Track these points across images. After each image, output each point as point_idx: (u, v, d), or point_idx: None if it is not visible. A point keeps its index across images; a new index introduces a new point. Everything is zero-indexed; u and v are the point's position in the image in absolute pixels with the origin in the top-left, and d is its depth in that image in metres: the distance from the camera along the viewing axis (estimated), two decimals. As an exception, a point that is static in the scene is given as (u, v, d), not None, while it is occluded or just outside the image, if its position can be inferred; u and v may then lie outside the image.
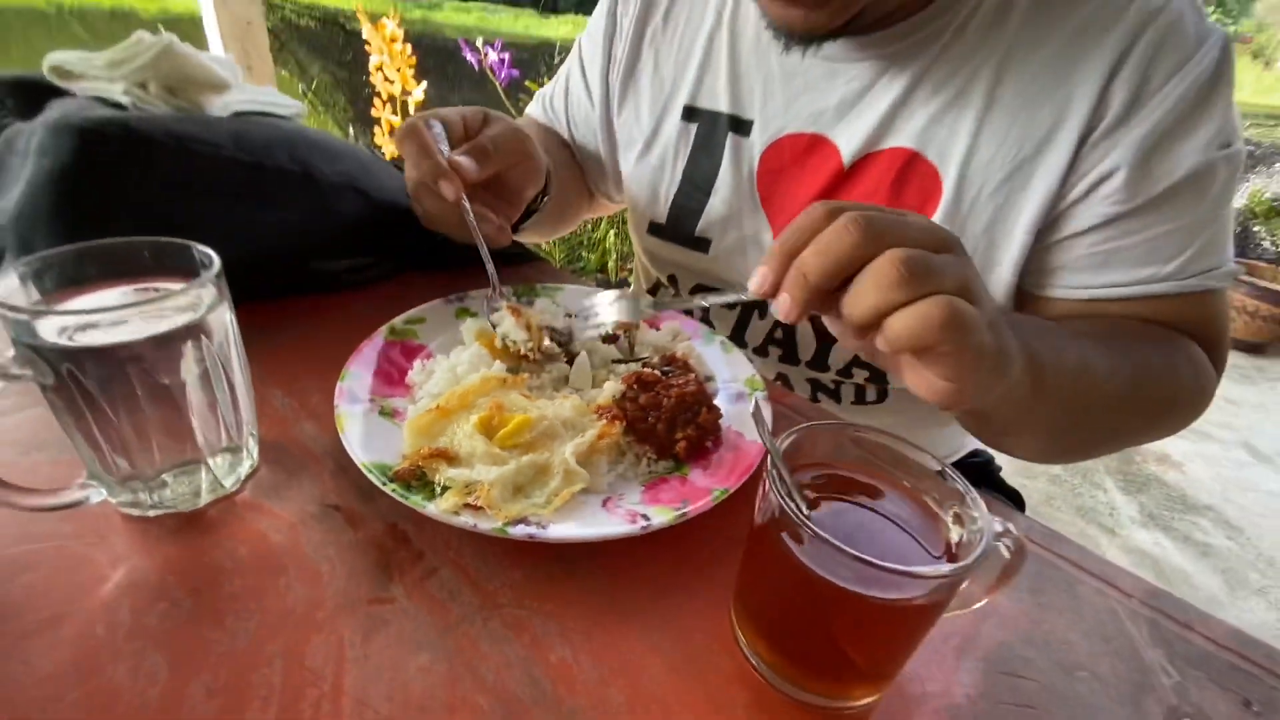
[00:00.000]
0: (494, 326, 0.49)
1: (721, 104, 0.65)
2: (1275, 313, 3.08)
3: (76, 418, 0.31)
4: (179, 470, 0.35)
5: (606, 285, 2.77)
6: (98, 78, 0.53)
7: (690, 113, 0.67)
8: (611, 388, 0.44)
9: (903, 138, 0.57)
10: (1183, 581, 1.77)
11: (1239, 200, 3.52)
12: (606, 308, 0.47)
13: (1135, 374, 0.49)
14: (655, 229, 0.72)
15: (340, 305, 0.58)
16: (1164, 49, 0.50)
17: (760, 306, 0.68)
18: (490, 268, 0.54)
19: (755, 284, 0.35)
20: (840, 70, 0.59)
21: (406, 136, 0.52)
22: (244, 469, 0.38)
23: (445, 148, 0.53)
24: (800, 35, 0.54)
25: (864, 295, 0.31)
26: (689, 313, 0.60)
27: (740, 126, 0.65)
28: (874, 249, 0.31)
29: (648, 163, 0.71)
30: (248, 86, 0.63)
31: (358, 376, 0.45)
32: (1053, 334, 0.46)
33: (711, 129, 0.66)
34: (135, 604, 0.31)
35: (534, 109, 0.85)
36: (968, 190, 0.55)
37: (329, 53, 2.67)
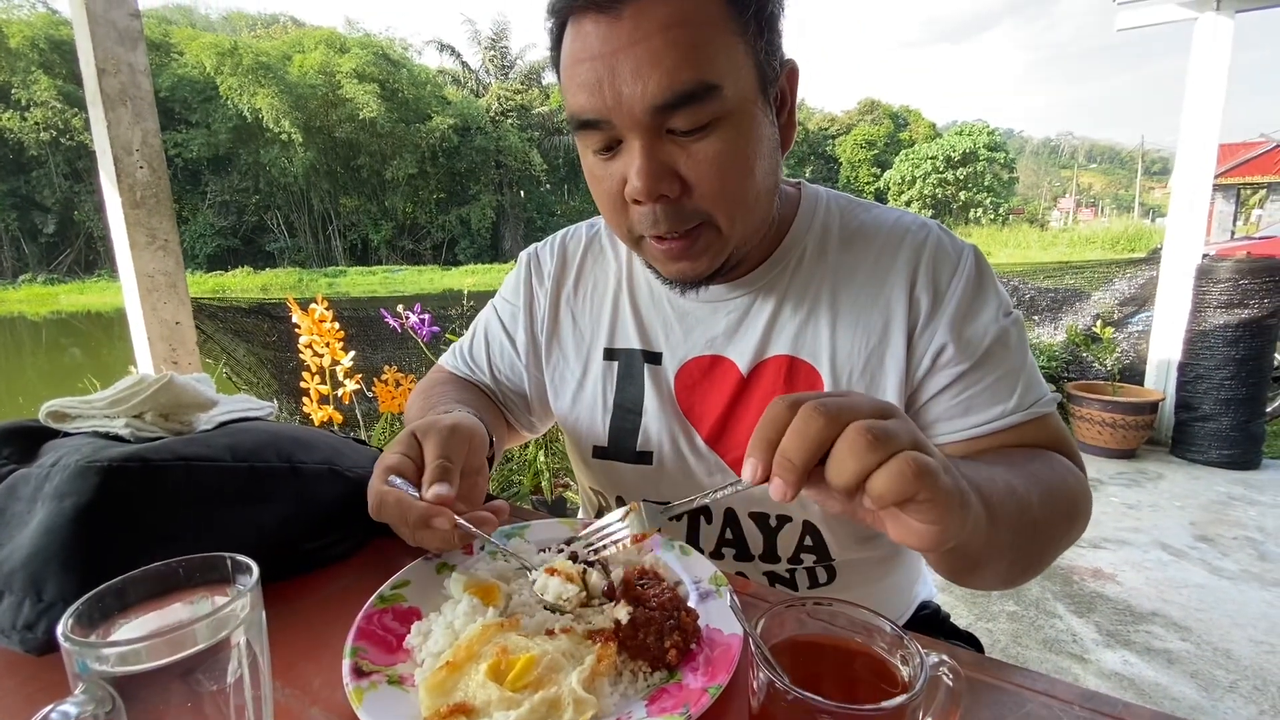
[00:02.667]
0: (540, 595, 0.51)
1: (634, 343, 0.80)
2: (1130, 420, 3.54)
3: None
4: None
5: (544, 505, 2.77)
6: (95, 416, 0.59)
7: (610, 353, 0.81)
8: (622, 610, 0.48)
9: (781, 347, 0.73)
10: (1162, 695, 1.78)
11: (1060, 336, 4.21)
12: (619, 525, 0.52)
13: (1043, 485, 0.59)
14: (600, 452, 0.81)
15: (319, 584, 0.61)
16: (939, 264, 0.70)
17: (706, 513, 0.77)
18: (516, 556, 0.58)
19: (749, 474, 0.42)
20: (720, 307, 0.76)
21: (382, 507, 0.56)
22: (263, 772, 0.39)
23: (414, 492, 0.56)
24: (689, 281, 0.69)
25: (844, 464, 0.38)
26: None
27: (652, 358, 0.79)
28: (838, 427, 0.39)
29: (583, 399, 0.82)
30: (224, 397, 0.71)
31: (361, 651, 0.48)
32: (978, 468, 0.53)
33: (630, 363, 0.80)
34: None
35: (449, 360, 0.95)
36: (840, 378, 0.71)
37: (254, 337, 2.85)
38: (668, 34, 0.55)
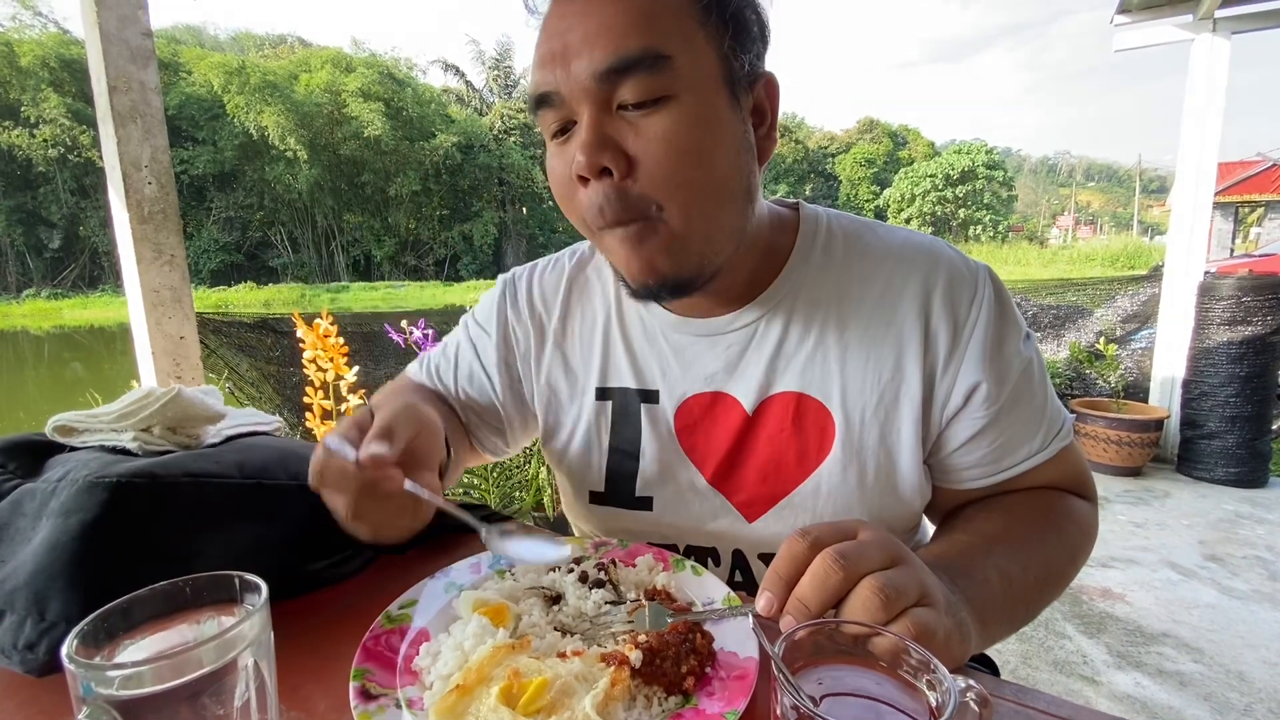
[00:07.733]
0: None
1: (628, 382, 0.74)
2: (1135, 437, 3.52)
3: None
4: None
5: (546, 523, 2.75)
6: (102, 429, 0.59)
7: (602, 393, 0.76)
8: (635, 653, 0.46)
9: (788, 383, 0.68)
10: (1176, 718, 1.75)
11: (1063, 353, 4.20)
12: (624, 624, 0.50)
13: (1043, 556, 0.62)
14: (596, 497, 0.77)
15: (325, 603, 0.60)
16: (955, 287, 0.65)
17: (714, 555, 0.74)
18: (468, 517, 0.55)
19: (763, 607, 0.45)
20: (719, 340, 0.70)
21: (324, 473, 0.52)
22: (268, 799, 0.38)
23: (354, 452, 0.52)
24: (652, 287, 0.61)
25: (857, 618, 0.42)
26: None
27: (648, 397, 0.73)
28: (853, 581, 0.43)
29: (575, 443, 0.77)
30: (232, 410, 0.70)
31: (368, 673, 0.47)
32: (976, 566, 0.56)
33: (624, 402, 0.74)
34: None
35: (415, 370, 0.88)
36: (853, 416, 0.66)
37: (258, 351, 2.86)
38: (619, 4, 0.54)
